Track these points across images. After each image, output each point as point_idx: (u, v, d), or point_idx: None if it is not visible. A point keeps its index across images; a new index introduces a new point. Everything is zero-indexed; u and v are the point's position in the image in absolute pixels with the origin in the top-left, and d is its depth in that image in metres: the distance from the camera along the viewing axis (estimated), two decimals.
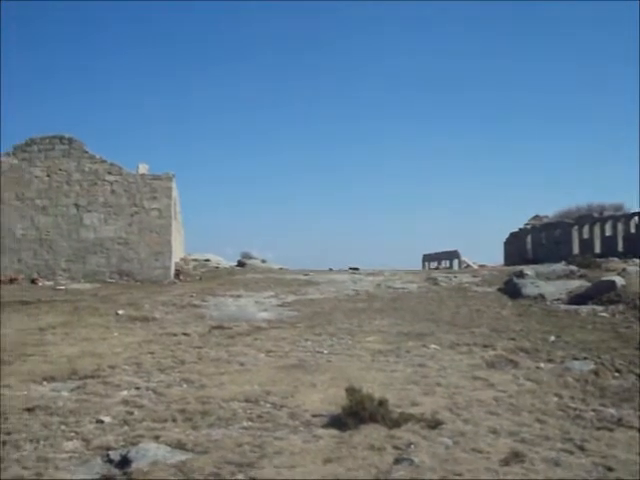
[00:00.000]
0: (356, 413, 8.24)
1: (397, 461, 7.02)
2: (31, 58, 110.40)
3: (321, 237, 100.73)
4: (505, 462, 7.01)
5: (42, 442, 8.00)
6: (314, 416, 8.70)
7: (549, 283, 20.28)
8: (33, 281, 22.96)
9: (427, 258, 51.16)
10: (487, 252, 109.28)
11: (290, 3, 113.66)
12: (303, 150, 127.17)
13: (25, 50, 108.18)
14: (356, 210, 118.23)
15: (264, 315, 16.82)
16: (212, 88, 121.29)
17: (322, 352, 12.61)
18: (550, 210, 46.71)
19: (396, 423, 8.20)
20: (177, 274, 24.99)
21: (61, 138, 24.73)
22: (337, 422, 8.32)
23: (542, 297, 18.69)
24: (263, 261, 33.12)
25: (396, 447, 7.52)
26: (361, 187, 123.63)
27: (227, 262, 32.01)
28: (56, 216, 24.14)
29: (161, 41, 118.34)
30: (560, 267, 23.51)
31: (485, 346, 13.15)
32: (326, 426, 8.31)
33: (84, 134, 77.17)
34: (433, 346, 13.13)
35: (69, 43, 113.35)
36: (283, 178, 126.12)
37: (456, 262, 44.66)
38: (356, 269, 29.47)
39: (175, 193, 26.14)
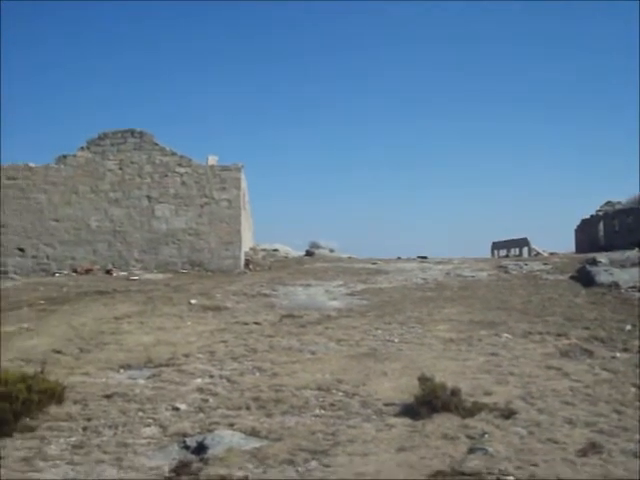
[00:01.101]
0: (429, 402, 8.24)
1: (471, 450, 7.00)
2: (98, 55, 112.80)
3: (387, 226, 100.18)
4: (582, 453, 6.91)
5: (121, 428, 8.25)
6: (386, 405, 8.73)
7: (623, 271, 19.74)
8: (108, 272, 23.50)
9: (496, 246, 50.47)
10: (557, 239, 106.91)
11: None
12: (366, 140, 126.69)
13: (92, 47, 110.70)
14: (422, 198, 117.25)
15: (334, 304, 16.87)
16: (281, 78, 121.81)
17: (393, 341, 12.60)
18: (623, 196, 45.50)
19: (469, 412, 8.17)
20: (247, 264, 25.21)
21: (132, 132, 25.18)
22: (410, 411, 8.34)
23: (616, 285, 18.22)
24: (331, 250, 33.09)
25: (470, 436, 7.49)
26: (426, 176, 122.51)
27: (295, 252, 32.14)
28: (129, 208, 24.63)
29: (231, 31, 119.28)
30: (634, 254, 22.86)
31: (559, 335, 12.94)
32: (398, 415, 8.34)
33: (154, 127, 78.52)
34: (505, 335, 12.98)
35: (135, 37, 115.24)
36: (347, 167, 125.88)
37: (526, 250, 43.95)
38: (424, 257, 29.24)
39: (244, 184, 26.36)
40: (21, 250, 24.23)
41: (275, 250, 30.87)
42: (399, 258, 29.96)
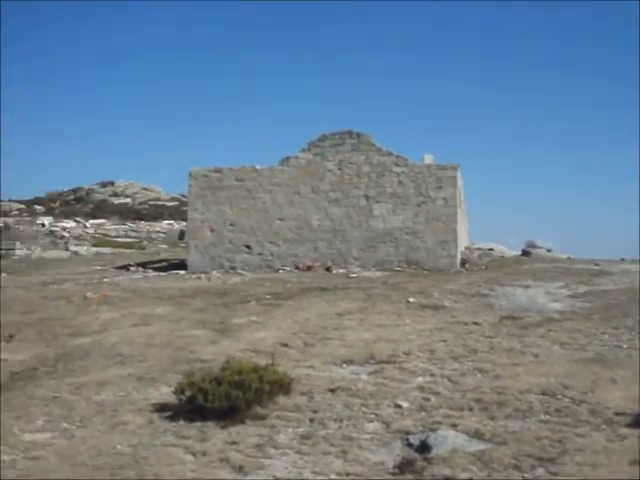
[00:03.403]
0: None
1: None
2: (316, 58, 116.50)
3: (606, 226, 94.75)
4: None
5: (345, 422, 8.52)
6: (617, 414, 8.30)
7: None
8: (328, 269, 24.24)
9: None
10: None
11: None
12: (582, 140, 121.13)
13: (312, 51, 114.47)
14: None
15: (555, 306, 16.26)
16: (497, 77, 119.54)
17: (621, 346, 11.93)
18: None
19: None
20: (462, 263, 24.97)
21: (350, 133, 25.81)
22: None
23: None
24: (549, 250, 31.98)
25: None
26: None
27: (510, 251, 31.40)
28: (347, 207, 25.26)
29: (446, 29, 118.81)
30: None
31: None
32: (631, 425, 7.90)
33: (370, 128, 80.00)
34: None
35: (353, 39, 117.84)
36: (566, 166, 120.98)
37: None
38: None
39: (459, 182, 26.16)
40: (248, 247, 25.68)
41: (490, 249, 30.37)
42: (623, 259, 28.32)
